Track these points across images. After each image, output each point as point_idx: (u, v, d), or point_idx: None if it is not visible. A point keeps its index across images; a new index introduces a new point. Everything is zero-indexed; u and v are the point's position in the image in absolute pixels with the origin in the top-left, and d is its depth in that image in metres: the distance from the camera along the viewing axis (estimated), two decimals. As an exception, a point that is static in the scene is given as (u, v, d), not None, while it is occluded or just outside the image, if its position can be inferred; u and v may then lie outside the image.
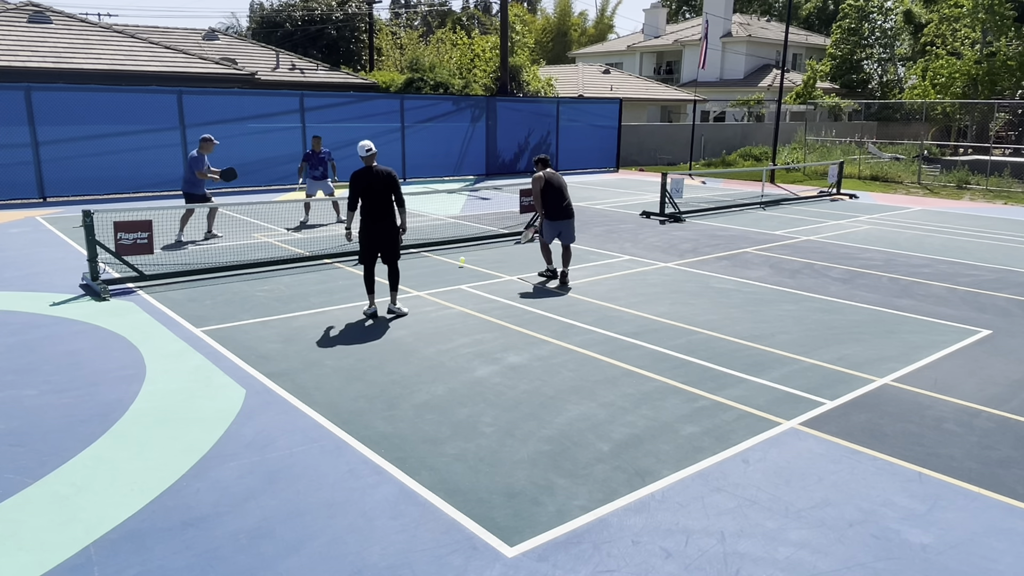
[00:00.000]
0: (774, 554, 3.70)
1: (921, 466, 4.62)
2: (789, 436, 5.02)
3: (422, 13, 61.91)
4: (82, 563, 3.57)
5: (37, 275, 9.43)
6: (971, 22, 32.94)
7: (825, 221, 15.23)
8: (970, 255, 11.70)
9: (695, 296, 8.79)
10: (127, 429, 5.03)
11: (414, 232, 12.92)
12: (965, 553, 3.73)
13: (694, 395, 5.72)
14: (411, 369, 6.23)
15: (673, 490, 4.30)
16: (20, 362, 6.28)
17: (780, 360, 6.54)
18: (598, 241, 12.44)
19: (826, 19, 51.98)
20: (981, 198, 20.43)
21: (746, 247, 12.06)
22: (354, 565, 3.58)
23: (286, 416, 5.26)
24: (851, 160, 25.59)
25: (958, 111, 33.24)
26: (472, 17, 56.14)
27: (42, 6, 23.50)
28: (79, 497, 4.16)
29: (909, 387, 5.94)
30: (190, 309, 7.96)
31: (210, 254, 10.78)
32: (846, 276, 9.99)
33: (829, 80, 43.61)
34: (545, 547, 3.73)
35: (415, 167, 22.69)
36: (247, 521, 3.94)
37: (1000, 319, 7.99)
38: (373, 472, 4.47)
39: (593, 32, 64.00)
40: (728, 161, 29.53)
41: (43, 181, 16.66)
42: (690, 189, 20.27)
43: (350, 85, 28.36)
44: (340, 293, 8.75)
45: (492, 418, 5.25)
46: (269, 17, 41.90)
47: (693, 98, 38.88)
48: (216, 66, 23.20)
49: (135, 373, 6.05)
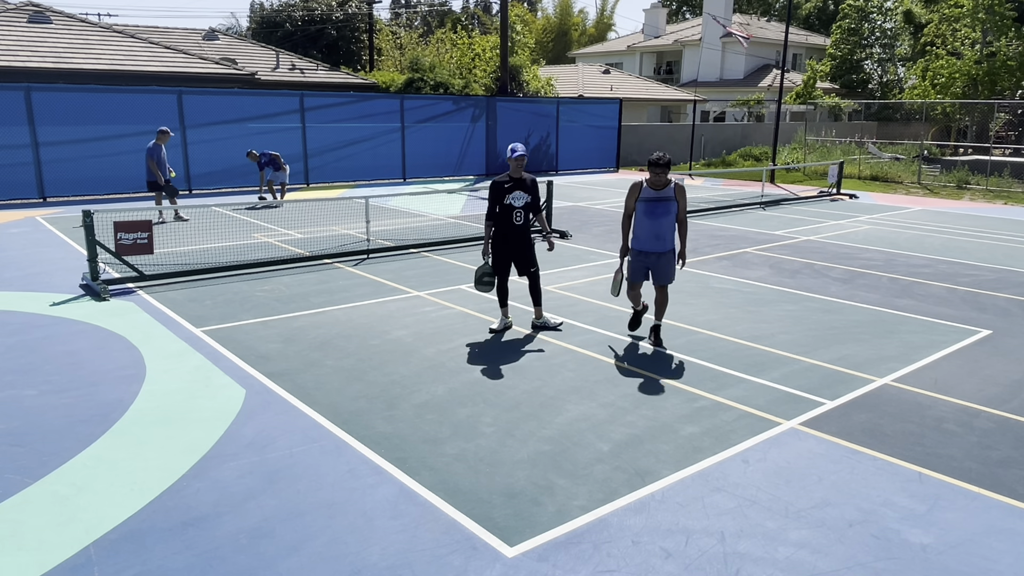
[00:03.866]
0: (774, 554, 3.70)
1: (921, 466, 4.62)
2: (789, 436, 5.02)
3: (422, 13, 61.90)
4: (82, 563, 3.57)
5: (37, 275, 9.43)
6: (971, 22, 32.93)
7: (825, 221, 15.23)
8: (970, 255, 11.70)
9: (695, 296, 8.79)
10: (127, 429, 5.03)
11: (414, 232, 12.93)
12: (965, 553, 3.73)
13: (694, 395, 5.72)
14: (411, 369, 6.23)
15: (673, 490, 4.30)
16: (20, 362, 6.28)
17: (780, 360, 6.54)
18: (598, 241, 12.44)
19: (826, 19, 51.97)
20: (981, 198, 20.43)
21: (746, 247, 12.06)
22: (354, 565, 3.58)
23: (286, 416, 5.26)
24: (851, 160, 25.59)
25: (958, 111, 33.23)
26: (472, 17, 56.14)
27: (42, 6, 23.50)
28: (79, 497, 4.16)
29: (909, 387, 5.94)
30: (190, 309, 7.96)
31: (210, 254, 10.78)
32: (846, 276, 9.99)
33: (829, 80, 43.61)
34: (545, 547, 3.73)
35: (415, 167, 22.69)
36: (247, 521, 3.94)
37: (1000, 319, 7.99)
38: (373, 472, 4.47)
39: (593, 32, 64.02)
40: (728, 161, 29.52)
41: (43, 181, 16.66)
42: (690, 189, 20.27)
43: (350, 85, 28.36)
44: (340, 293, 8.75)
45: (492, 418, 5.25)
46: (269, 17, 41.89)
47: (693, 98, 38.89)
48: (216, 66, 23.20)
49: (135, 373, 6.05)
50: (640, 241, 6.72)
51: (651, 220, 6.60)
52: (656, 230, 6.62)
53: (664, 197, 6.56)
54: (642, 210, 6.62)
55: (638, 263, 6.79)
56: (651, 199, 6.58)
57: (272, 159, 16.12)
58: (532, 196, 7.14)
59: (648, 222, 6.62)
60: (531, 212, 7.17)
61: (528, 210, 7.13)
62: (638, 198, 6.63)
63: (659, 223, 6.60)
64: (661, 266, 6.72)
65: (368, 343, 6.90)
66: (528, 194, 7.10)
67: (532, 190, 7.14)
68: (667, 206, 6.57)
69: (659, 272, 6.75)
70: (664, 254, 6.69)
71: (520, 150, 6.99)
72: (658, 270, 6.74)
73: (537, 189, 7.21)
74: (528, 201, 7.09)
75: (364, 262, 10.56)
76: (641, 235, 6.70)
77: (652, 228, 6.62)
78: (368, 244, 11.14)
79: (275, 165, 16.11)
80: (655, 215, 6.59)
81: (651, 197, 6.57)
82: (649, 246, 6.68)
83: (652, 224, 6.61)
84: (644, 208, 6.61)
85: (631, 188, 6.67)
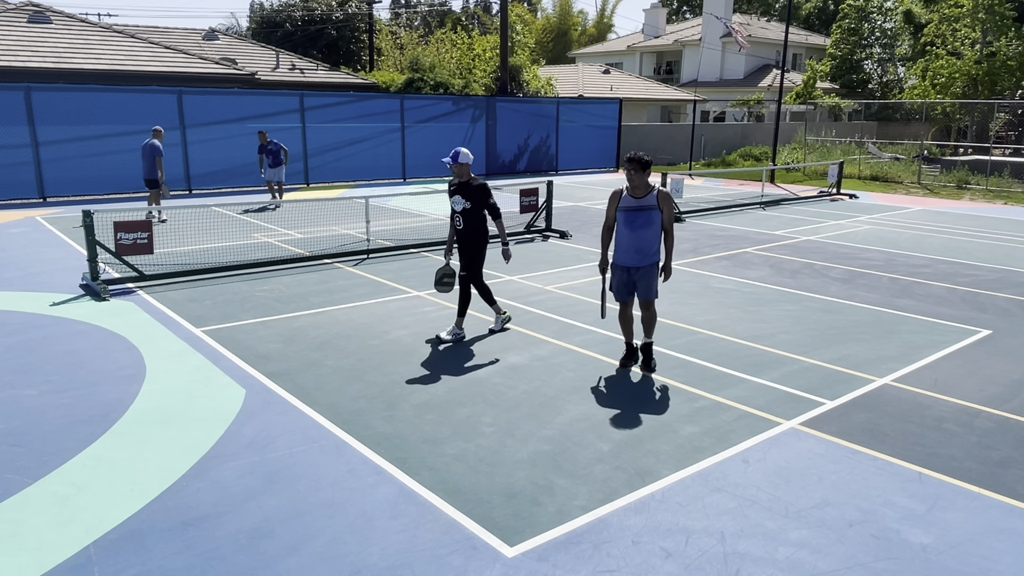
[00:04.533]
0: (774, 554, 3.70)
1: (921, 466, 4.62)
2: (789, 436, 5.02)
3: (422, 13, 61.90)
4: (82, 563, 3.57)
5: (37, 275, 9.43)
6: (971, 22, 32.93)
7: (825, 221, 15.23)
8: (970, 255, 11.70)
9: (695, 296, 8.78)
10: (127, 429, 5.02)
11: (414, 232, 12.93)
12: (965, 553, 3.73)
13: (694, 395, 5.72)
14: (411, 369, 6.23)
15: (673, 490, 4.30)
16: (20, 362, 6.28)
17: (780, 360, 6.54)
18: (598, 241, 12.41)
19: (826, 19, 51.98)
20: (981, 198, 20.43)
21: (746, 247, 12.06)
22: (354, 565, 3.58)
23: (286, 416, 5.26)
24: (851, 160, 25.59)
25: (958, 111, 33.23)
26: (472, 17, 56.15)
27: (42, 6, 23.50)
28: (79, 497, 4.16)
29: (909, 387, 5.94)
30: (190, 309, 7.96)
31: (210, 254, 10.78)
32: (846, 276, 9.99)
33: (829, 80, 43.61)
34: (545, 547, 3.73)
35: (415, 167, 22.69)
36: (247, 521, 3.94)
37: (1000, 319, 7.99)
38: (373, 472, 4.47)
39: (593, 32, 64.02)
40: (728, 161, 29.52)
41: (43, 181, 16.67)
42: (690, 189, 20.28)
43: (350, 85, 28.36)
44: (340, 293, 8.75)
45: (492, 418, 5.25)
46: (269, 17, 41.89)
47: (693, 98, 38.89)
48: (216, 66, 23.20)
49: (135, 373, 6.05)
50: (620, 255, 6.07)
51: (631, 231, 5.93)
52: (637, 243, 5.94)
53: (645, 206, 5.88)
54: (622, 220, 5.97)
55: (620, 279, 6.13)
56: (631, 208, 5.91)
57: (277, 151, 15.92)
58: (474, 202, 6.77)
59: (628, 233, 5.95)
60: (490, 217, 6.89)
61: (472, 216, 6.81)
62: (618, 207, 6.01)
63: (640, 235, 5.91)
64: (643, 281, 6.06)
65: (368, 343, 6.90)
66: (468, 200, 6.76)
67: (474, 195, 6.78)
68: (649, 216, 5.89)
69: (641, 287, 6.09)
70: (646, 268, 6.02)
71: (459, 155, 6.72)
72: (640, 285, 6.08)
73: (484, 195, 6.82)
74: (468, 207, 6.77)
75: (364, 262, 10.56)
76: (621, 248, 6.05)
77: (633, 241, 5.95)
78: (368, 244, 11.14)
79: (276, 160, 15.95)
80: (635, 226, 5.92)
81: (631, 206, 5.91)
82: (629, 260, 6.01)
83: (632, 236, 5.93)
84: (624, 218, 5.95)
85: (611, 196, 6.08)
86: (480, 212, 6.87)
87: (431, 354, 6.61)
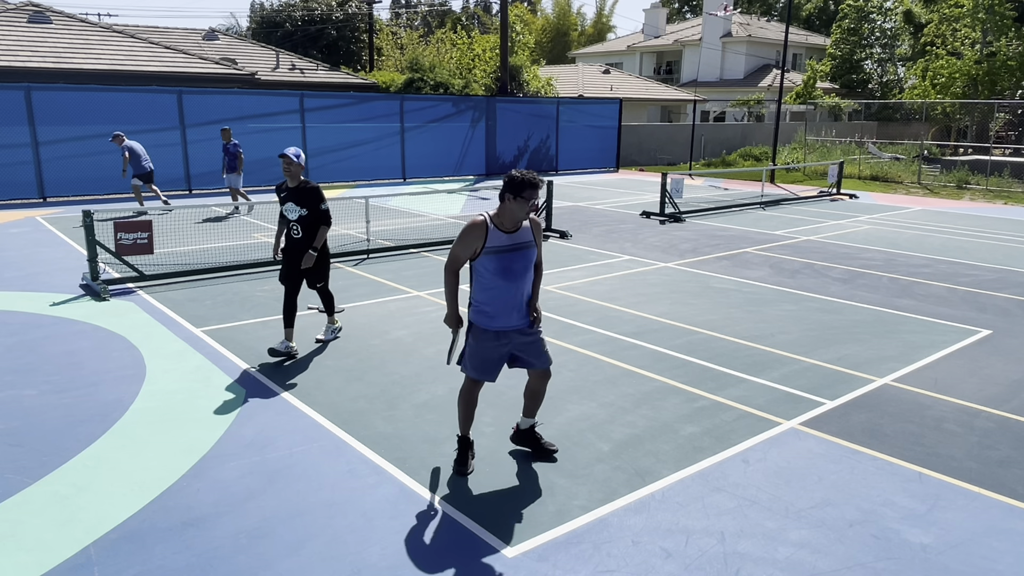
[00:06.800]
0: (774, 554, 3.70)
1: (921, 466, 4.62)
2: (789, 436, 5.02)
3: (422, 13, 61.90)
4: (82, 563, 3.57)
5: (37, 275, 9.43)
6: (971, 22, 32.95)
7: (825, 221, 15.23)
8: (970, 255, 11.70)
9: (695, 296, 8.78)
10: (127, 429, 5.02)
11: (414, 232, 12.93)
12: (965, 553, 3.73)
13: (694, 395, 5.72)
14: (411, 369, 6.23)
15: (673, 490, 4.30)
16: (20, 362, 6.28)
17: (780, 360, 6.54)
18: (598, 241, 12.44)
19: (826, 19, 52.00)
20: (981, 198, 20.43)
21: (746, 247, 12.06)
22: (354, 565, 3.58)
23: (286, 416, 5.26)
24: (851, 160, 25.60)
25: (958, 111, 33.24)
26: (472, 17, 56.16)
27: (42, 6, 23.51)
28: (79, 497, 4.16)
29: (909, 387, 5.94)
30: (190, 309, 7.96)
31: (210, 254, 10.78)
32: (846, 276, 9.98)
33: (829, 80, 43.62)
34: (545, 547, 3.73)
35: (415, 167, 22.70)
36: (247, 521, 3.94)
37: (1000, 319, 7.99)
38: (373, 472, 4.47)
39: (592, 32, 64.03)
40: (728, 161, 29.53)
41: (43, 181, 16.67)
42: (690, 189, 20.28)
43: (350, 85, 28.36)
44: (340, 293, 8.74)
45: (492, 418, 5.25)
46: (269, 17, 41.90)
47: (693, 98, 38.90)
48: (216, 66, 23.21)
49: (135, 373, 6.05)
50: (495, 317, 4.24)
51: (508, 281, 4.18)
52: (517, 297, 4.25)
53: (522, 243, 4.21)
54: (493, 268, 4.15)
55: (493, 351, 4.30)
56: (506, 248, 4.16)
57: (234, 155, 14.43)
58: (310, 208, 6.10)
59: (505, 285, 4.18)
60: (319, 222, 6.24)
61: (310, 223, 6.19)
62: (482, 249, 4.14)
63: (519, 285, 4.24)
64: (535, 345, 4.37)
65: (368, 343, 6.90)
66: (303, 206, 6.09)
67: (308, 202, 6.09)
68: (527, 255, 4.23)
69: (533, 354, 4.38)
70: (534, 329, 4.37)
71: (289, 154, 5.97)
72: (532, 350, 4.37)
73: (317, 201, 6.11)
74: (305, 214, 6.13)
75: (364, 262, 10.56)
76: (495, 307, 4.22)
77: (512, 294, 4.22)
78: (368, 244, 11.14)
79: (231, 165, 14.49)
80: (513, 274, 4.19)
81: (505, 246, 4.16)
82: (510, 322, 4.26)
83: (510, 287, 4.20)
84: (497, 265, 4.14)
85: (468, 231, 4.14)
86: (318, 219, 6.24)
87: (431, 354, 6.61)
